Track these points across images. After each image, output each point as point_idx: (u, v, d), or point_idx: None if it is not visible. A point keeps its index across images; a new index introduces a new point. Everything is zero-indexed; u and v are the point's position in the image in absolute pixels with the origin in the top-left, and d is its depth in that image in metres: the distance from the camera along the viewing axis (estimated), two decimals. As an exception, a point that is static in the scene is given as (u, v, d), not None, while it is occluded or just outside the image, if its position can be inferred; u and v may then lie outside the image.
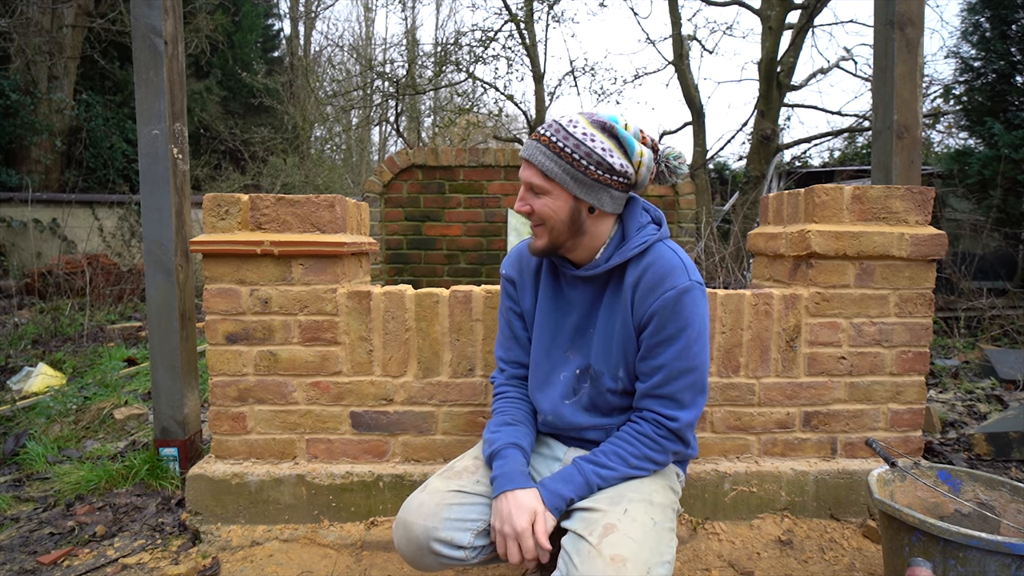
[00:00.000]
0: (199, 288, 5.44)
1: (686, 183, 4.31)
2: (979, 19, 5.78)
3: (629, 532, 1.09)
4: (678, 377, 1.22)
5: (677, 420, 1.22)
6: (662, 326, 1.21)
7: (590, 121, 1.22)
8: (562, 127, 1.22)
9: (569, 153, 1.19)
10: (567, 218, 1.24)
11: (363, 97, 11.38)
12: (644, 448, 1.22)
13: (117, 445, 2.49)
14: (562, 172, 1.20)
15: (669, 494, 1.25)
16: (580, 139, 1.19)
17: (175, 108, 2.11)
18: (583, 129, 1.20)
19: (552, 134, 1.21)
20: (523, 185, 1.27)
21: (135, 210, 8.35)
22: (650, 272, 1.23)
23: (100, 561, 1.69)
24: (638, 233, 1.27)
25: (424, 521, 1.19)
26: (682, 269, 1.23)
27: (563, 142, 1.20)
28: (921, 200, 1.84)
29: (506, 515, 1.15)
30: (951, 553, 1.27)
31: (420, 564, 1.22)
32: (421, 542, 1.18)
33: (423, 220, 4.44)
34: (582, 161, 1.19)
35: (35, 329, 4.65)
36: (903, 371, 1.88)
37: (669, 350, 1.21)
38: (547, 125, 1.24)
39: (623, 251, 1.26)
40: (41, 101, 9.88)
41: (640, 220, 1.30)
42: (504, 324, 1.48)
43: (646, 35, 25.02)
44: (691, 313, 1.21)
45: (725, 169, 12.69)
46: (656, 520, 1.15)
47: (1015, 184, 5.28)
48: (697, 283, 1.23)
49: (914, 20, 2.18)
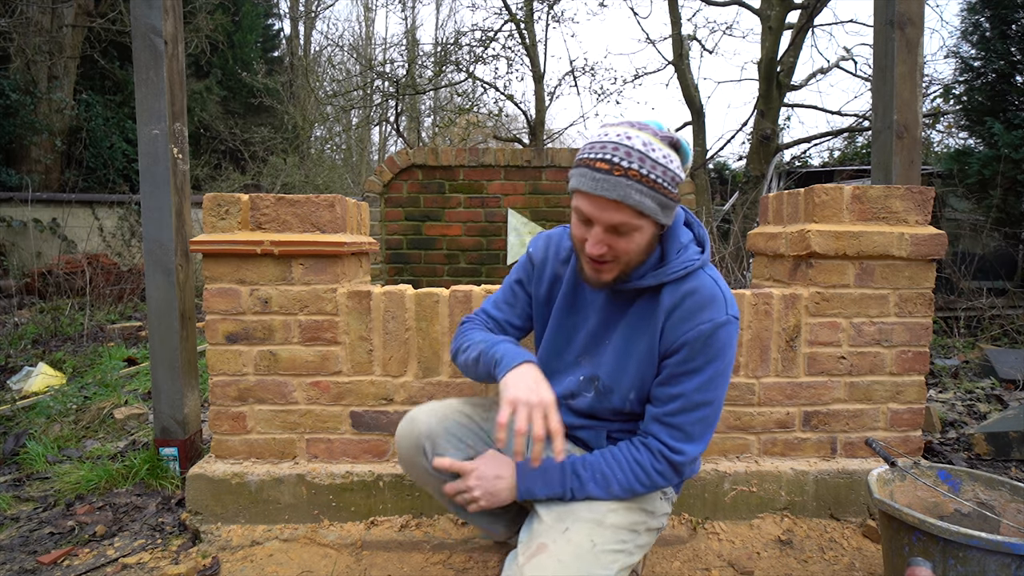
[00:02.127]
0: (199, 288, 5.44)
1: (686, 183, 4.31)
2: (979, 19, 5.78)
3: (558, 554, 1.07)
4: (694, 409, 1.16)
5: (683, 454, 1.16)
6: (691, 357, 1.15)
7: (660, 139, 1.09)
8: (643, 154, 1.06)
9: (660, 183, 1.07)
10: (647, 246, 1.14)
11: (363, 97, 11.38)
12: (632, 480, 1.17)
13: (117, 445, 2.49)
14: (655, 205, 1.07)
15: (634, 514, 1.19)
16: (664, 164, 1.07)
17: (175, 108, 2.11)
18: (662, 152, 1.08)
19: (640, 166, 1.05)
20: (602, 226, 1.10)
21: (135, 210, 8.35)
22: (689, 300, 1.15)
23: (100, 561, 1.70)
24: (678, 256, 1.18)
25: (429, 420, 1.26)
26: (722, 302, 1.16)
27: (652, 172, 1.06)
28: (921, 200, 1.84)
29: (531, 384, 1.09)
30: (951, 553, 1.27)
31: (411, 463, 1.28)
32: (420, 441, 1.24)
33: (423, 220, 4.44)
34: (668, 187, 1.08)
35: (35, 329, 4.65)
36: (903, 371, 1.88)
37: (692, 380, 1.15)
38: (624, 153, 1.05)
39: (660, 273, 1.17)
40: (41, 101, 9.88)
41: (681, 240, 1.20)
42: (507, 290, 1.40)
43: (646, 35, 24.99)
44: (722, 348, 1.15)
45: (725, 169, 12.69)
46: (596, 543, 1.11)
47: (1015, 184, 5.28)
48: (734, 318, 1.16)
49: (914, 20, 2.18)
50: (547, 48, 51.56)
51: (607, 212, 1.07)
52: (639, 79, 11.59)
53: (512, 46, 10.37)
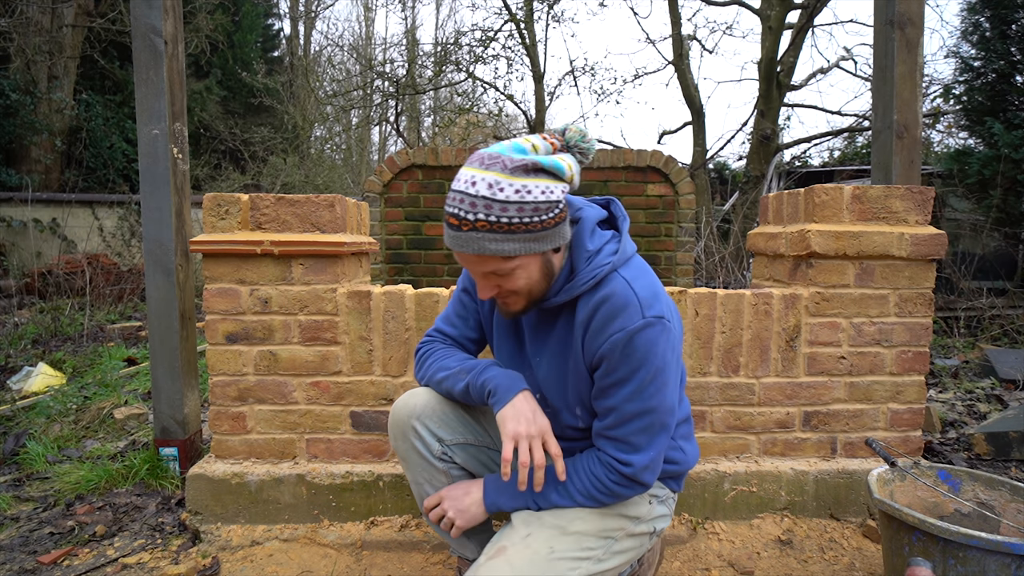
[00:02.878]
0: (199, 288, 5.44)
1: (686, 183, 4.31)
2: (979, 19, 5.78)
3: (512, 558, 1.08)
4: (631, 420, 1.11)
5: (631, 465, 1.12)
6: (613, 368, 1.09)
7: (509, 171, 1.01)
8: (489, 199, 0.99)
9: (517, 223, 1.00)
10: (540, 275, 1.10)
11: (363, 97, 11.39)
12: (592, 489, 1.15)
13: (117, 445, 2.49)
14: (518, 244, 1.02)
15: (607, 520, 1.17)
16: (518, 200, 1.00)
17: (175, 108, 2.11)
18: (513, 187, 1.00)
19: (487, 214, 1.00)
20: (479, 276, 1.08)
21: (135, 210, 8.35)
22: (601, 311, 1.10)
23: (100, 561, 1.70)
24: (588, 264, 1.12)
25: (418, 401, 1.26)
26: (635, 307, 1.08)
27: (503, 216, 1.00)
28: (921, 200, 1.84)
29: (529, 416, 1.11)
30: (951, 553, 1.27)
31: (399, 440, 1.28)
32: (406, 422, 1.25)
33: (423, 220, 4.44)
34: (531, 219, 1.01)
35: (35, 329, 4.65)
36: (903, 371, 1.88)
37: (620, 392, 1.10)
38: (469, 205, 1.00)
39: (570, 287, 1.12)
40: (41, 101, 9.88)
41: (588, 247, 1.13)
42: (457, 302, 1.37)
43: (646, 35, 25.04)
44: (646, 354, 1.07)
45: (725, 169, 12.69)
46: (555, 549, 1.10)
47: (1015, 184, 5.28)
48: (655, 318, 1.08)
49: (914, 20, 2.18)
50: (547, 48, 51.59)
51: (475, 265, 1.06)
52: (639, 79, 11.63)
53: (512, 46, 10.38)
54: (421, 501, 1.32)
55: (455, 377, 1.23)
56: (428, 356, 1.33)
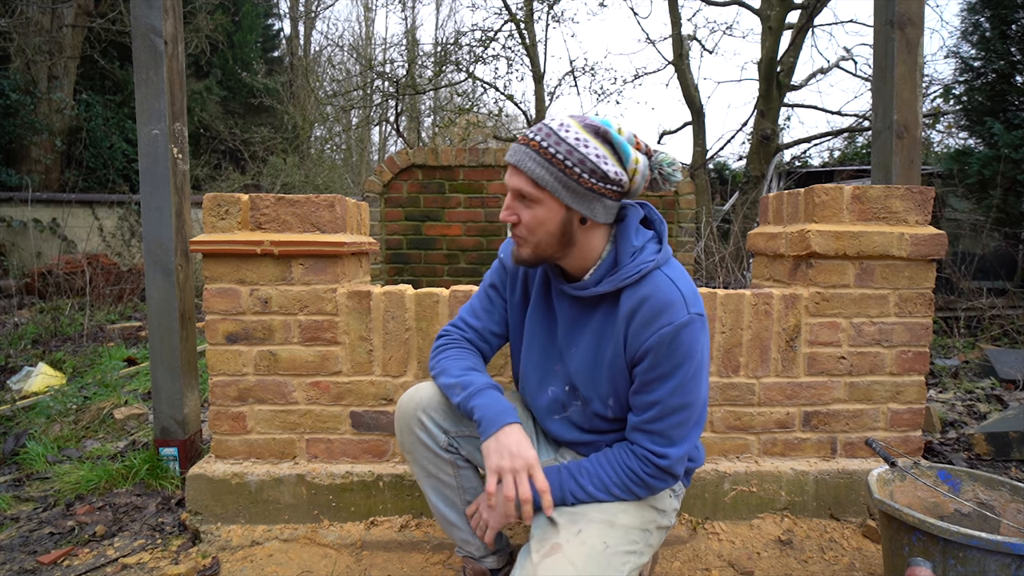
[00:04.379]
0: (199, 288, 5.44)
1: (686, 183, 4.31)
2: (979, 19, 5.78)
3: (571, 555, 1.08)
4: (672, 414, 1.15)
5: (667, 458, 1.15)
6: (657, 363, 1.13)
7: (583, 125, 1.12)
8: (553, 131, 1.11)
9: (561, 160, 1.10)
10: (557, 230, 1.15)
11: (363, 97, 11.39)
12: (628, 481, 1.17)
13: (117, 445, 2.49)
14: (554, 180, 1.10)
15: (644, 513, 1.20)
16: (573, 145, 1.10)
17: (175, 108, 2.11)
18: (576, 133, 1.11)
19: (542, 139, 1.11)
20: (510, 192, 1.17)
21: (135, 210, 8.35)
22: (646, 305, 1.13)
23: (100, 561, 1.70)
24: (632, 260, 1.17)
25: (423, 395, 1.30)
26: (681, 303, 1.13)
27: (555, 147, 1.10)
28: (921, 200, 1.84)
29: (514, 449, 1.11)
30: (951, 553, 1.27)
31: (404, 433, 1.31)
32: (411, 414, 1.29)
33: (423, 220, 4.44)
34: (575, 168, 1.10)
35: (35, 329, 4.65)
36: (903, 371, 1.88)
37: (664, 386, 1.14)
38: (536, 128, 1.14)
39: (614, 278, 1.17)
40: (41, 101, 9.88)
41: (634, 243, 1.18)
42: (483, 296, 1.40)
43: (646, 35, 25.04)
44: (689, 348, 1.12)
45: (725, 169, 12.69)
46: (609, 544, 1.12)
47: (1015, 184, 5.28)
48: (697, 315, 1.13)
49: (914, 20, 2.18)
50: (547, 48, 51.57)
51: (511, 177, 1.15)
52: (639, 79, 11.63)
53: (512, 46, 10.39)
54: (428, 495, 1.35)
55: (452, 388, 1.25)
56: (441, 352, 1.36)
